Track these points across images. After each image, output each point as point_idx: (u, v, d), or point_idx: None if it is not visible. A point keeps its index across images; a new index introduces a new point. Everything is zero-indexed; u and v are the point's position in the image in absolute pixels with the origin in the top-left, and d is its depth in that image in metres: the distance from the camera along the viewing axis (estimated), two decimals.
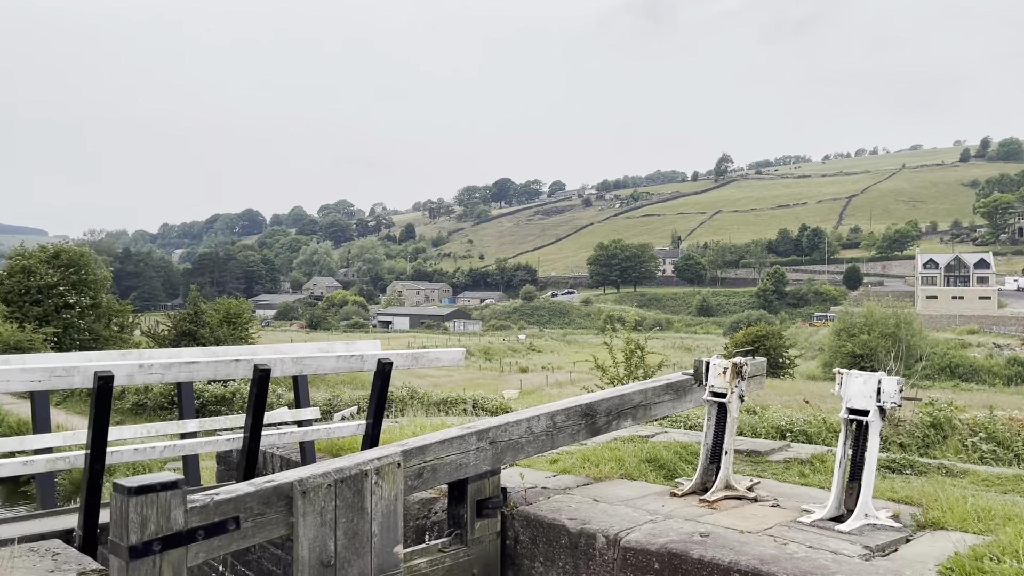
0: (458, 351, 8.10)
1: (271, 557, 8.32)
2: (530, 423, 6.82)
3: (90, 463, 5.67)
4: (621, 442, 8.86)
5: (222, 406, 27.99)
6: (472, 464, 6.41)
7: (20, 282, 42.85)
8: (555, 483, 7.35)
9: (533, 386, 46.65)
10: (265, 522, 5.30)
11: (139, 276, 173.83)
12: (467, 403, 24.08)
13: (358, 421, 8.07)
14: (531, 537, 6.43)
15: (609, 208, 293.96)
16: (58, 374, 5.60)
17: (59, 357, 6.56)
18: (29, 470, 6.22)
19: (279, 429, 7.99)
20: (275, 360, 6.55)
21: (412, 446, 6.11)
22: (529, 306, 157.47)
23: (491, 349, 77.80)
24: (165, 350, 7.99)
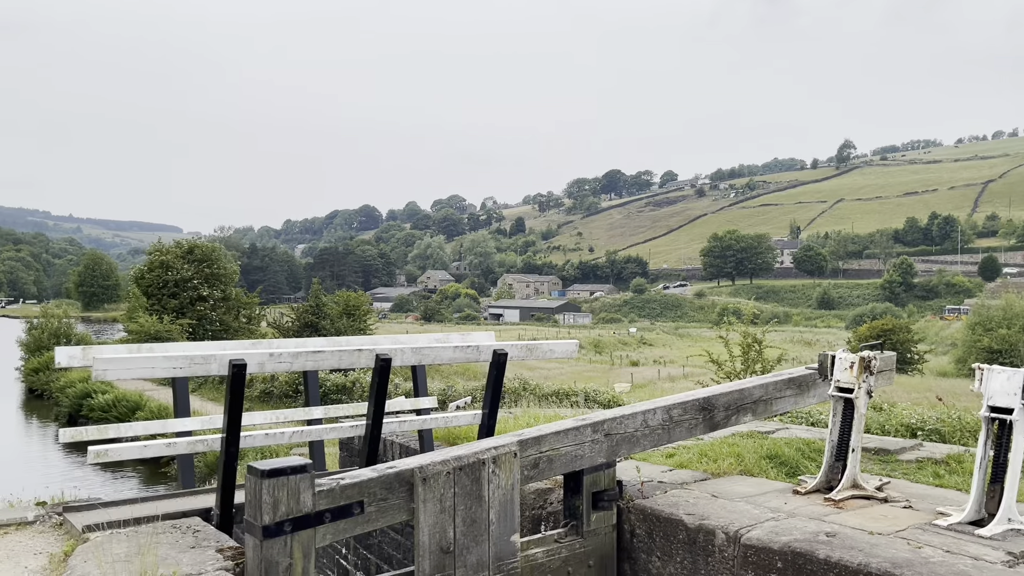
0: (572, 343, 8.10)
1: (391, 542, 8.57)
2: (646, 416, 6.75)
3: (226, 446, 5.99)
4: (739, 437, 8.64)
5: (343, 395, 29.05)
6: (587, 456, 6.40)
7: (159, 276, 45.79)
8: (671, 478, 7.24)
9: (644, 380, 46.11)
10: (387, 507, 5.46)
11: (264, 270, 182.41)
12: (578, 396, 24.06)
13: (474, 411, 8.20)
14: (648, 531, 6.36)
15: (723, 198, 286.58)
16: (197, 361, 5.94)
17: (197, 346, 6.98)
18: (172, 451, 6.64)
19: (398, 417, 8.21)
20: (395, 350, 6.72)
21: (528, 436, 6.16)
22: (640, 299, 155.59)
23: (601, 342, 77.38)
24: (292, 340, 8.36)
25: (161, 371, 5.85)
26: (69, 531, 6.25)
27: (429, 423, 7.99)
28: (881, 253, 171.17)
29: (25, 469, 24.24)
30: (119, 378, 5.80)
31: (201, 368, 5.98)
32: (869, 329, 50.60)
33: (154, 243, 52.05)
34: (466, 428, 9.38)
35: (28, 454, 28.08)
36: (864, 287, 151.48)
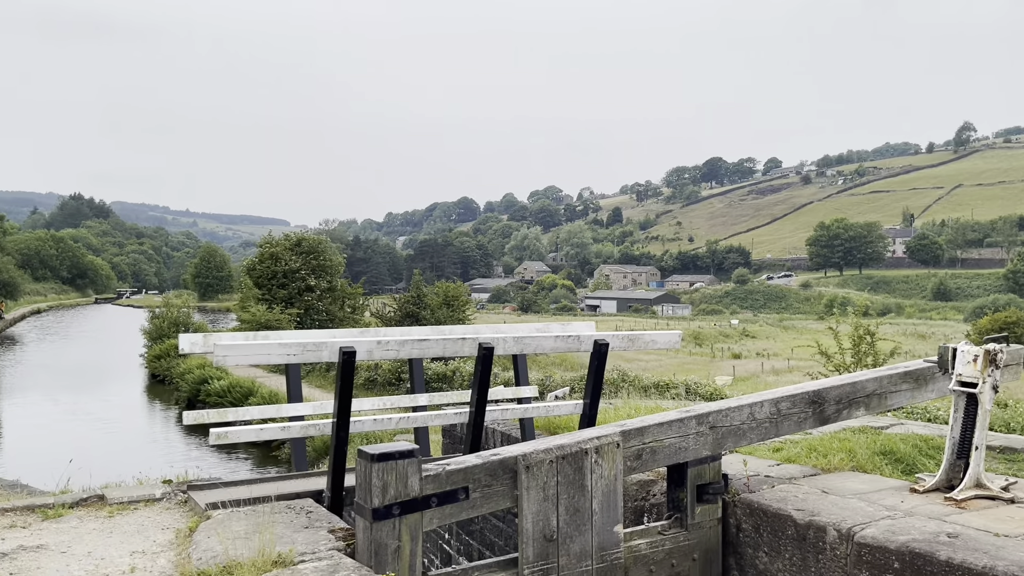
0: (674, 333, 7.99)
1: (493, 528, 8.69)
2: (752, 409, 6.59)
3: (336, 430, 6.20)
4: (851, 432, 8.33)
5: (443, 383, 29.57)
6: (692, 448, 6.31)
7: (269, 267, 47.69)
8: (779, 472, 7.05)
9: (747, 373, 44.97)
10: (491, 493, 5.54)
11: (367, 262, 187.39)
12: (678, 388, 23.71)
13: (575, 401, 8.21)
14: (754, 526, 6.22)
15: (831, 185, 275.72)
16: (309, 348, 6.17)
17: (309, 334, 7.25)
18: (286, 435, 6.93)
19: (501, 405, 8.30)
20: (497, 339, 6.80)
21: (631, 427, 6.12)
22: (742, 290, 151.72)
23: (701, 334, 75.90)
24: (397, 328, 8.56)
25: (276, 357, 6.10)
26: (193, 508, 6.61)
27: (530, 412, 8.05)
28: (1004, 241, 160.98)
29: (149, 449, 25.79)
30: (237, 363, 6.08)
31: (313, 355, 6.21)
32: (991, 321, 47.70)
33: (264, 236, 54.20)
34: (566, 418, 9.40)
35: (152, 435, 29.85)
36: (985, 277, 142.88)
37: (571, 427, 8.93)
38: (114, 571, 5.27)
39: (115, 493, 7.04)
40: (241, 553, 5.03)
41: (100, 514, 6.60)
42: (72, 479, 8.02)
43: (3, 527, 6.26)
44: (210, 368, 33.82)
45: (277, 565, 4.96)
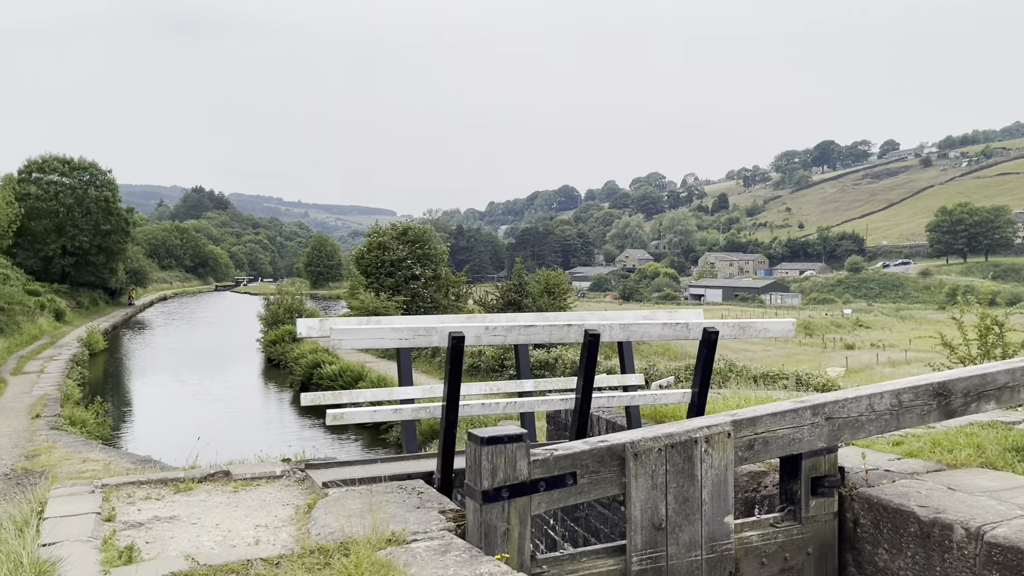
0: (787, 321, 7.74)
1: (598, 515, 8.68)
2: (872, 400, 6.33)
3: (446, 414, 6.32)
4: (979, 427, 7.88)
5: (545, 370, 29.70)
6: (806, 439, 6.12)
7: (377, 256, 49.02)
8: (899, 467, 6.75)
9: (860, 364, 43.19)
10: (599, 480, 5.54)
11: (470, 250, 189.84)
12: (788, 378, 23.00)
13: (683, 389, 8.09)
14: (873, 521, 5.98)
15: (953, 168, 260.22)
16: (420, 333, 6.31)
17: (420, 319, 7.42)
18: (398, 417, 7.12)
19: (606, 393, 8.27)
20: (603, 326, 6.76)
21: (742, 417, 5.99)
22: (855, 278, 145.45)
23: (812, 324, 73.29)
24: (503, 315, 8.64)
25: (389, 342, 6.27)
26: (310, 486, 6.89)
27: (637, 400, 7.98)
28: None
29: (266, 428, 27.04)
30: (352, 347, 6.28)
31: (424, 340, 6.35)
32: None
33: (372, 226, 55.69)
34: (673, 407, 9.28)
35: (267, 415, 31.27)
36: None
37: (678, 416, 8.81)
38: (240, 543, 5.56)
39: (239, 470, 7.43)
40: (356, 530, 5.22)
41: (226, 489, 6.97)
42: (199, 455, 8.50)
43: (139, 499, 6.70)
44: (322, 353, 35.08)
45: (391, 543, 5.11)
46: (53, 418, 21.08)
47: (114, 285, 72.80)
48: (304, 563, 4.87)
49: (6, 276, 46.55)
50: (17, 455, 16.53)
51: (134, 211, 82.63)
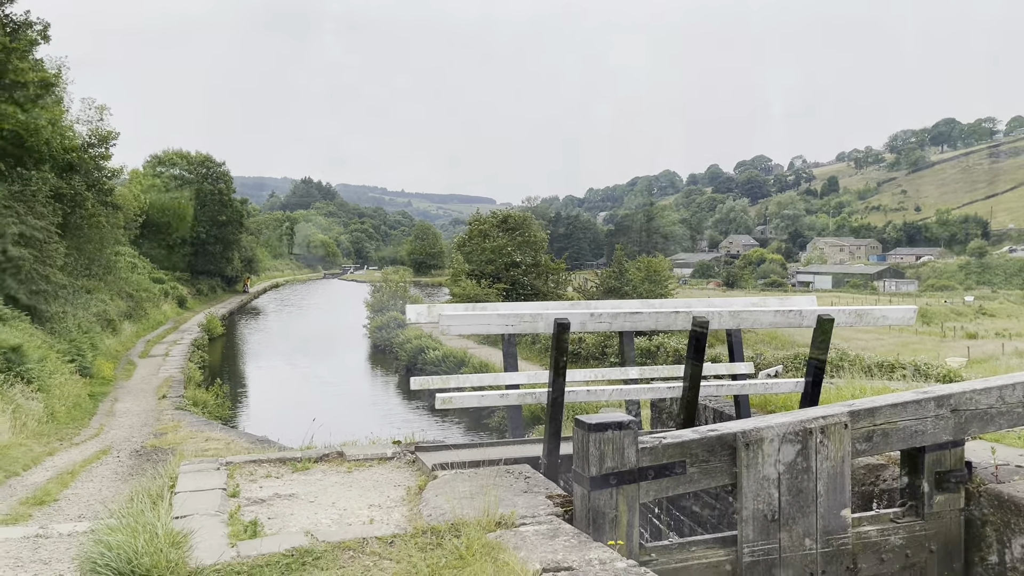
0: (908, 308, 7.39)
1: (705, 504, 8.54)
2: (1003, 392, 5.98)
3: (552, 399, 6.36)
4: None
5: (647, 359, 29.37)
6: (929, 432, 5.84)
7: (478, 244, 49.58)
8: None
9: (984, 354, 40.71)
10: (709, 469, 5.45)
11: (569, 237, 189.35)
12: (906, 368, 21.94)
13: (795, 379, 7.85)
14: (1004, 519, 5.67)
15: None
16: (526, 319, 6.36)
17: (525, 305, 7.47)
18: (505, 402, 7.21)
19: (714, 381, 8.11)
20: (712, 313, 6.63)
21: (860, 407, 5.77)
22: (978, 264, 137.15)
23: (929, 311, 69.61)
24: (607, 301, 8.60)
25: (495, 327, 6.35)
26: (420, 468, 7.07)
27: (747, 388, 7.80)
28: None
29: (373, 411, 27.86)
30: (459, 333, 6.39)
31: (529, 326, 6.39)
32: None
33: (473, 214, 56.34)
34: (783, 397, 9.03)
35: (374, 398, 32.21)
36: None
37: (789, 407, 8.57)
38: (355, 521, 5.76)
39: (352, 451, 7.69)
40: (467, 513, 5.32)
41: (340, 469, 7.24)
42: (314, 436, 8.84)
43: (261, 476, 7.04)
44: (426, 339, 35.82)
45: (500, 526, 5.19)
46: (177, 399, 22.38)
47: (230, 273, 76.33)
48: (416, 543, 5.00)
49: (134, 265, 49.52)
50: (147, 433, 17.64)
51: (247, 202, 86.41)
